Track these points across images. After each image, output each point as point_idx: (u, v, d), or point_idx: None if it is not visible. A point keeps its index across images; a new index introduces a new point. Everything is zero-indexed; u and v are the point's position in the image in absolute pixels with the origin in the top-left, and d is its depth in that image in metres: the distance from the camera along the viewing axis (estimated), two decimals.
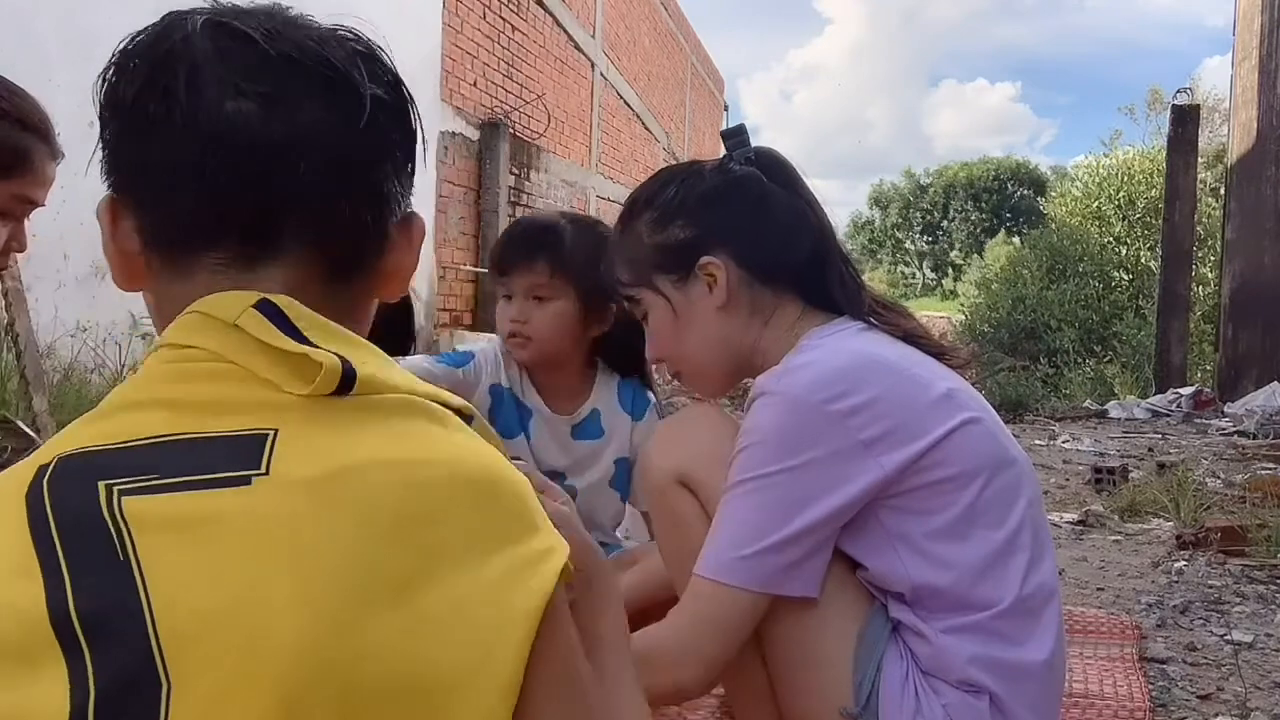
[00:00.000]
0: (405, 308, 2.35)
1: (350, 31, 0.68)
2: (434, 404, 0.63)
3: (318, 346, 0.59)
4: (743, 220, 1.30)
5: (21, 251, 1.50)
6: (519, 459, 0.68)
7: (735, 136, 1.37)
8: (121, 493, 0.54)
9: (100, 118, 0.65)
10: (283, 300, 0.60)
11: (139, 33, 0.64)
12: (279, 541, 0.54)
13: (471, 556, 0.57)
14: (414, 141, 0.70)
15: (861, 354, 1.21)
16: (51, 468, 0.57)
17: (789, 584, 1.17)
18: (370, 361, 0.61)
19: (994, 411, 1.27)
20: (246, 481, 0.55)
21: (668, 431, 1.38)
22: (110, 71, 0.64)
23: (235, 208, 0.61)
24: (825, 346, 1.23)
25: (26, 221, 1.50)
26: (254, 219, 0.62)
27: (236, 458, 0.56)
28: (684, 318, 1.33)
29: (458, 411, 0.65)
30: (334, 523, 0.54)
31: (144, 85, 0.61)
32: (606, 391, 2.04)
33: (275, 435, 0.57)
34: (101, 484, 0.55)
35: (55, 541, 0.54)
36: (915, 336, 1.29)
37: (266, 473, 0.55)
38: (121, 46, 0.64)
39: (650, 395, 2.07)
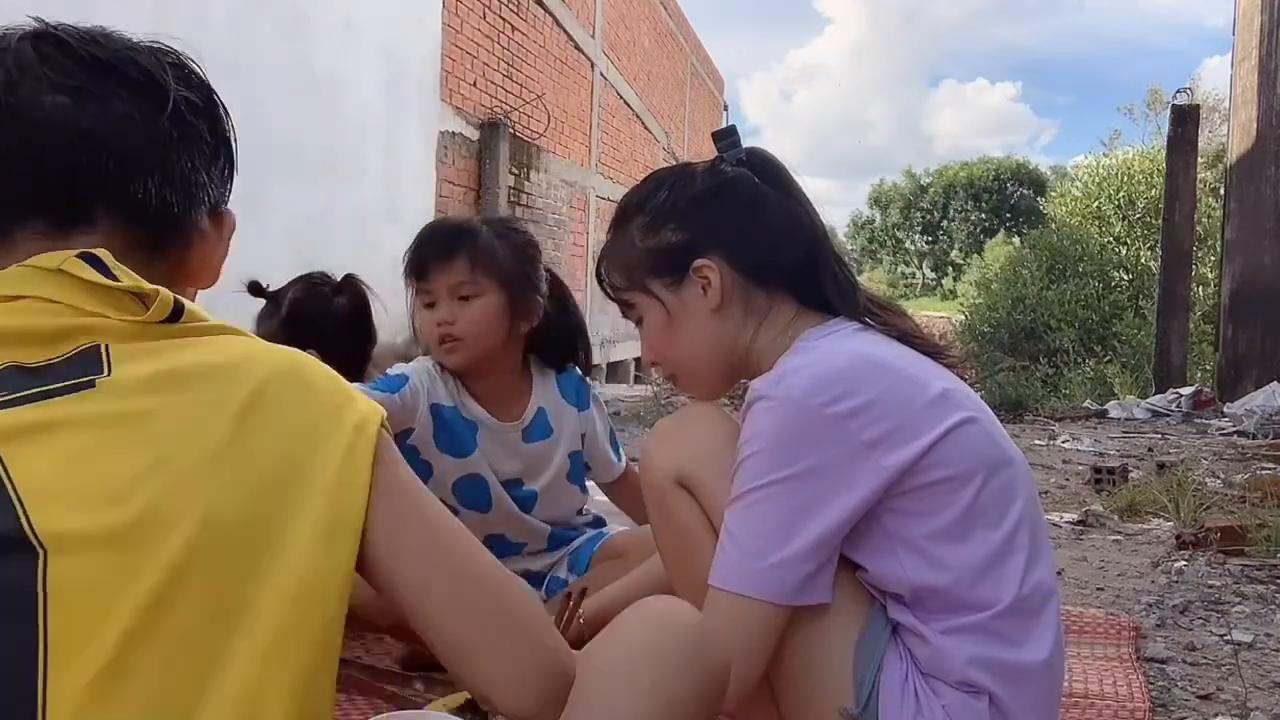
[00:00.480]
0: (361, 306, 2.27)
1: (164, 44, 0.81)
2: (240, 328, 0.75)
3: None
4: (735, 222, 1.30)
5: None
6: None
7: (726, 138, 1.36)
8: None
9: None
10: (101, 252, 0.70)
11: None
12: (130, 423, 0.63)
13: (296, 426, 0.68)
14: (228, 145, 0.82)
15: (857, 355, 1.20)
16: None
17: (810, 593, 1.17)
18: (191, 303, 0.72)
19: (990, 411, 1.27)
20: (91, 385, 0.64)
21: (666, 431, 1.37)
22: None
23: (48, 186, 0.71)
24: (820, 348, 1.22)
25: None
26: (65, 196, 0.71)
27: (77, 370, 0.65)
28: (678, 321, 1.32)
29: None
30: (177, 405, 0.65)
31: None
32: (546, 388, 2.04)
33: (108, 347, 0.67)
34: None
35: None
36: (910, 336, 1.29)
37: (109, 375, 0.65)
38: None
39: (588, 382, 2.08)
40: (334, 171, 6.66)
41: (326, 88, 6.84)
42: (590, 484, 2.15)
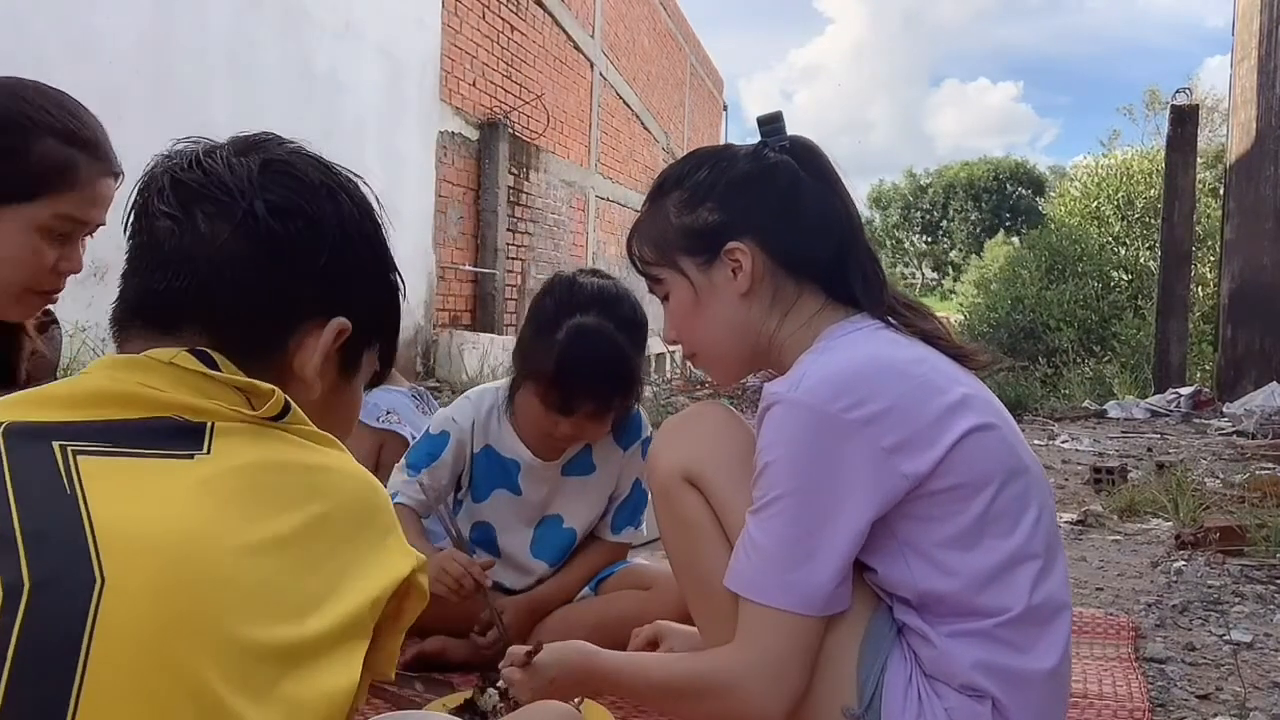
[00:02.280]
0: None
1: (281, 151, 0.83)
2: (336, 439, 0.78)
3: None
4: (773, 208, 1.28)
5: (75, 273, 1.40)
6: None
7: (771, 123, 1.34)
8: (75, 452, 0.66)
9: None
10: (213, 352, 0.75)
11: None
12: (206, 494, 0.66)
13: (344, 546, 0.70)
14: (336, 248, 0.81)
15: (875, 359, 1.19)
16: (1, 428, 0.67)
17: (837, 603, 1.17)
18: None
19: (1009, 417, 1.25)
20: (190, 457, 0.68)
21: (674, 429, 1.37)
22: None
23: (146, 301, 0.79)
24: (839, 350, 1.21)
25: (87, 240, 1.42)
26: (159, 306, 0.79)
27: (181, 439, 0.69)
28: (705, 301, 1.31)
29: None
30: (254, 490, 0.68)
31: (131, 209, 0.82)
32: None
33: (213, 426, 0.70)
34: (55, 444, 0.66)
35: (6, 477, 0.64)
36: (934, 338, 1.27)
37: (208, 453, 0.68)
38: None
39: (645, 425, 2.02)
40: None
41: (326, 87, 6.84)
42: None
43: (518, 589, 2.00)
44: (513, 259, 9.77)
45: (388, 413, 2.35)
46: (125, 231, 0.82)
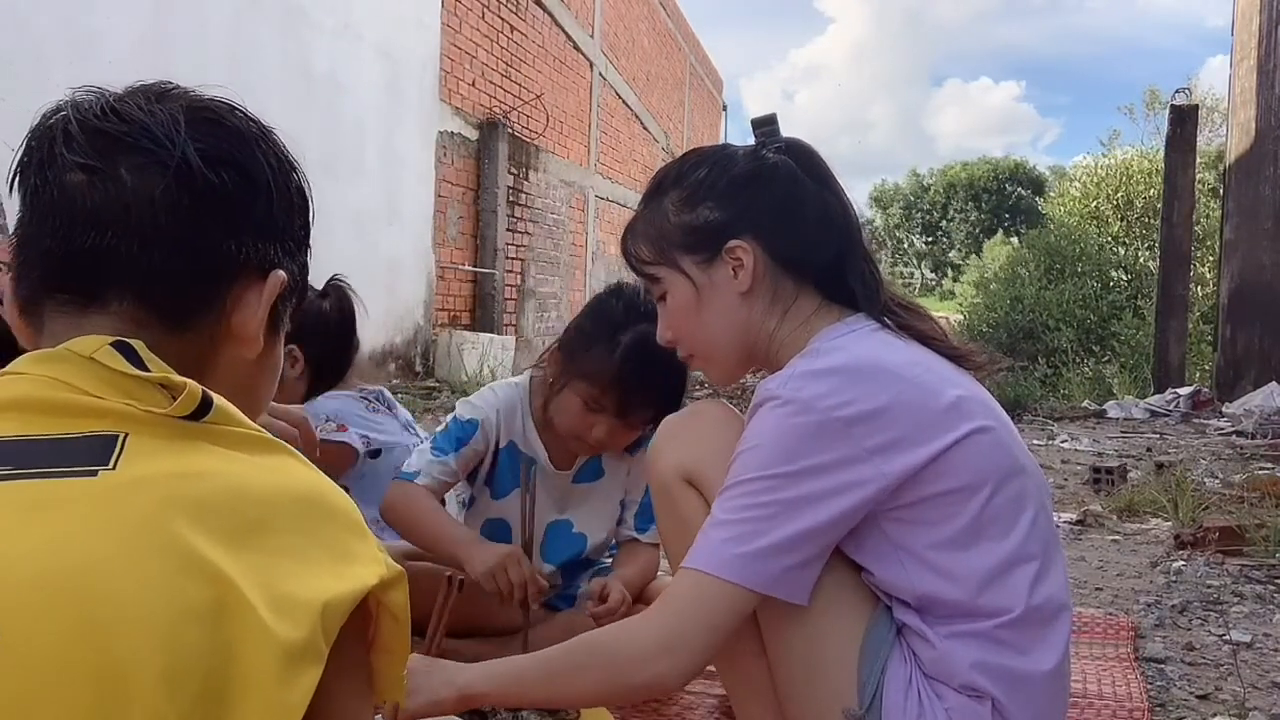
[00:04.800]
0: (346, 313, 2.23)
1: (204, 98, 0.76)
2: (275, 439, 0.69)
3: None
4: (773, 208, 1.28)
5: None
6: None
7: (766, 125, 1.34)
8: None
9: None
10: (135, 342, 0.68)
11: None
12: (112, 520, 0.59)
13: (291, 560, 0.61)
14: (269, 200, 0.75)
15: (870, 360, 1.19)
16: None
17: (784, 587, 1.16)
18: (225, 400, 0.68)
19: (1006, 417, 1.25)
20: (93, 474, 0.61)
21: (674, 428, 1.37)
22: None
23: (63, 265, 0.71)
24: (835, 350, 1.21)
25: None
26: (77, 275, 0.71)
27: (87, 454, 0.62)
28: (705, 300, 1.30)
29: None
30: (162, 512, 0.59)
31: (20, 163, 0.73)
32: None
33: (126, 438, 0.63)
34: None
35: None
36: (930, 339, 1.27)
37: (113, 468, 0.61)
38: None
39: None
40: (333, 171, 6.65)
41: (325, 87, 6.84)
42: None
43: None
44: (512, 259, 9.77)
45: (326, 420, 2.17)
46: (10, 189, 0.74)
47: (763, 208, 1.28)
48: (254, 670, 0.57)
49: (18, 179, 0.73)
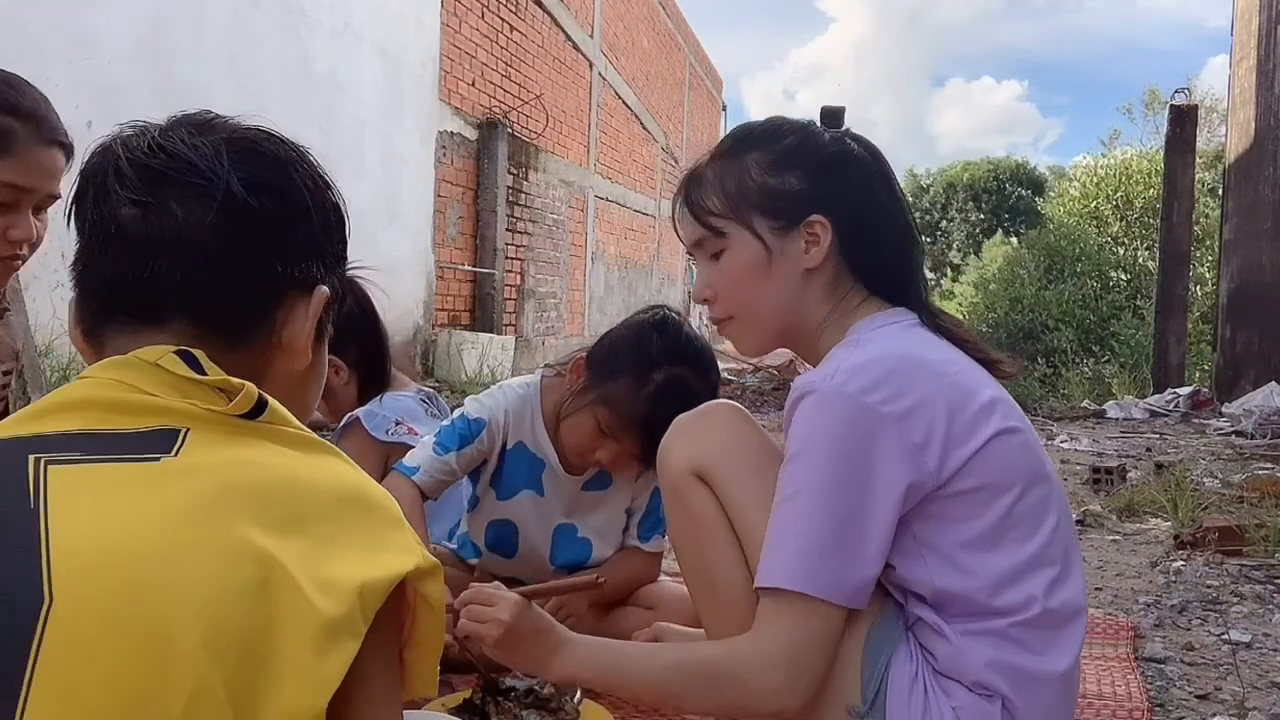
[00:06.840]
0: (368, 308, 2.24)
1: (244, 128, 0.81)
2: (323, 440, 0.75)
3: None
4: (854, 195, 1.28)
5: (29, 241, 1.43)
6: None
7: (835, 118, 1.34)
8: (48, 463, 0.65)
9: None
10: (196, 351, 0.74)
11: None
12: (169, 497, 0.64)
13: (332, 547, 0.66)
14: (308, 218, 0.81)
15: (910, 356, 1.19)
16: None
17: (862, 597, 1.16)
18: (278, 403, 0.74)
19: (1030, 425, 1.25)
20: (156, 460, 0.66)
21: (685, 425, 1.36)
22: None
23: (121, 294, 0.77)
24: (874, 342, 1.21)
25: (45, 213, 1.45)
26: (135, 302, 0.77)
27: (152, 444, 0.68)
28: (768, 267, 1.28)
29: None
30: (218, 495, 0.65)
31: (75, 199, 0.79)
32: None
33: (188, 432, 0.69)
34: (31, 457, 0.65)
35: None
36: (964, 342, 1.28)
37: (175, 456, 0.67)
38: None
39: None
40: (332, 171, 6.54)
41: (325, 87, 6.84)
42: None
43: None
44: (512, 259, 9.77)
45: (397, 423, 2.18)
46: (68, 222, 0.79)
47: (845, 192, 1.28)
48: (294, 642, 0.61)
49: (73, 213, 0.79)
